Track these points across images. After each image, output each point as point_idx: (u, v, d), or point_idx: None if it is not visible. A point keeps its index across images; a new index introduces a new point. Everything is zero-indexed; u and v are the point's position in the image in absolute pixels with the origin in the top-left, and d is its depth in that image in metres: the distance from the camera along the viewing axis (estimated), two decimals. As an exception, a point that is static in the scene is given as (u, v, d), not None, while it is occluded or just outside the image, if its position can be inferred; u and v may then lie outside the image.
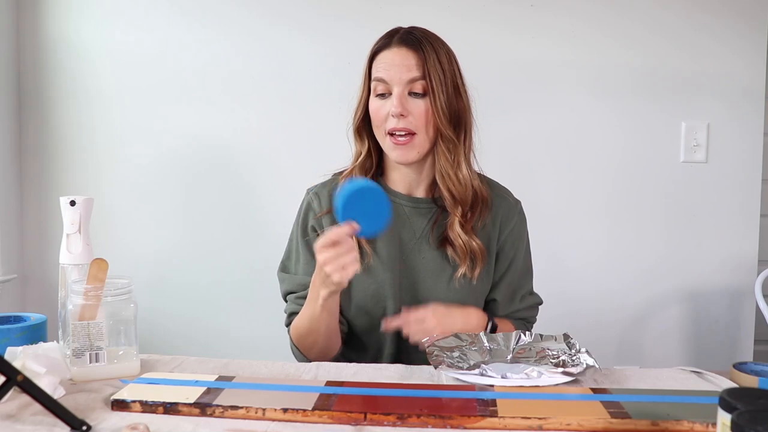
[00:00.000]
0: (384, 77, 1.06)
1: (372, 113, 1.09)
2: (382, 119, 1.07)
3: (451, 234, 1.10)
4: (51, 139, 1.90)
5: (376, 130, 1.10)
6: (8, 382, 0.69)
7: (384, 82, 1.06)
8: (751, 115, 1.89)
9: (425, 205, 1.15)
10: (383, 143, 1.10)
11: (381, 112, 1.07)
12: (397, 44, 1.08)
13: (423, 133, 1.07)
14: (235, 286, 1.90)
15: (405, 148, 1.07)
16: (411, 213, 1.14)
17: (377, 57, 1.09)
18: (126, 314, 0.89)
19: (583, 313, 1.91)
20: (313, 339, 1.06)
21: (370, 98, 1.10)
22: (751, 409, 0.52)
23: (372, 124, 1.10)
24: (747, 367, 0.88)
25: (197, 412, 0.74)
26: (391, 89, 1.06)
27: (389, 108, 1.06)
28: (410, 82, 1.05)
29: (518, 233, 1.18)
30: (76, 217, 0.98)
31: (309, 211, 1.16)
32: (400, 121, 1.05)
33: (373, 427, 0.71)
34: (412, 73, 1.05)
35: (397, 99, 1.04)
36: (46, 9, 1.88)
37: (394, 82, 1.05)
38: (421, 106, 1.06)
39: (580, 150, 1.90)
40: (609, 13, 1.87)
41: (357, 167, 1.14)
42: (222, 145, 1.90)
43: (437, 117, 1.06)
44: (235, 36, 1.88)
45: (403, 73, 1.05)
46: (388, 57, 1.07)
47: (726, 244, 1.92)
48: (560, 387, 0.83)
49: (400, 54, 1.06)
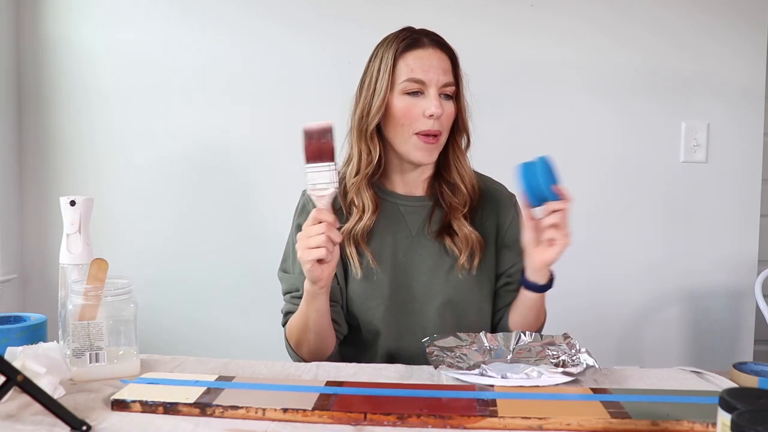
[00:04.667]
0: (422, 78, 1.05)
1: (400, 111, 1.06)
2: (413, 118, 1.06)
3: (455, 224, 1.11)
4: (51, 139, 1.90)
5: (399, 128, 1.07)
6: (8, 382, 0.68)
7: (420, 83, 1.06)
8: (751, 115, 1.89)
9: (420, 202, 1.15)
10: (405, 143, 1.07)
11: (414, 110, 1.06)
12: (432, 46, 1.08)
13: (445, 135, 1.10)
14: (235, 286, 1.90)
15: (432, 148, 1.08)
16: (406, 211, 1.14)
17: (406, 56, 1.07)
18: (126, 314, 0.89)
19: (583, 313, 1.91)
20: (303, 337, 1.06)
21: (396, 96, 1.07)
22: (751, 409, 0.52)
23: (393, 123, 1.07)
24: (747, 367, 0.88)
25: (197, 412, 0.74)
26: (425, 90, 1.06)
27: (424, 107, 1.05)
28: (445, 86, 1.07)
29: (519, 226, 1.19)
30: (76, 217, 0.98)
31: (303, 213, 1.16)
32: (435, 122, 1.05)
33: (373, 427, 0.71)
34: (448, 77, 1.07)
35: (437, 99, 1.05)
36: (46, 9, 1.88)
37: (432, 83, 1.06)
38: (451, 108, 1.08)
39: (579, 150, 1.90)
40: (609, 13, 1.87)
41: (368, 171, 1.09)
42: (222, 145, 1.90)
43: (463, 118, 1.11)
44: (235, 36, 1.87)
45: (441, 76, 1.06)
46: (425, 57, 1.07)
47: (726, 244, 1.92)
48: (560, 387, 0.83)
49: (437, 56, 1.08)
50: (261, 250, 1.86)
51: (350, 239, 1.10)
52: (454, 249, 1.11)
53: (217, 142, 1.90)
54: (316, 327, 1.04)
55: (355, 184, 1.11)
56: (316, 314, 1.02)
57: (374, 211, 1.10)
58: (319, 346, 1.07)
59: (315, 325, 1.03)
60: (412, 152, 1.08)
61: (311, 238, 0.91)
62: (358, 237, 1.10)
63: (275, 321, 1.21)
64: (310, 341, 1.06)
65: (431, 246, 1.13)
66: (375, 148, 1.10)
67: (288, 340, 1.10)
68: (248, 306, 1.90)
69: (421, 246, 1.12)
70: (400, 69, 1.07)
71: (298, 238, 0.93)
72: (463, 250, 1.10)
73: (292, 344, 1.09)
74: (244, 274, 1.89)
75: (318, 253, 0.91)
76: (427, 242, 1.13)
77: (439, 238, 1.12)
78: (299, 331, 1.06)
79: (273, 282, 1.20)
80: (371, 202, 1.10)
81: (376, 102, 1.07)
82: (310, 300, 1.00)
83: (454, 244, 1.11)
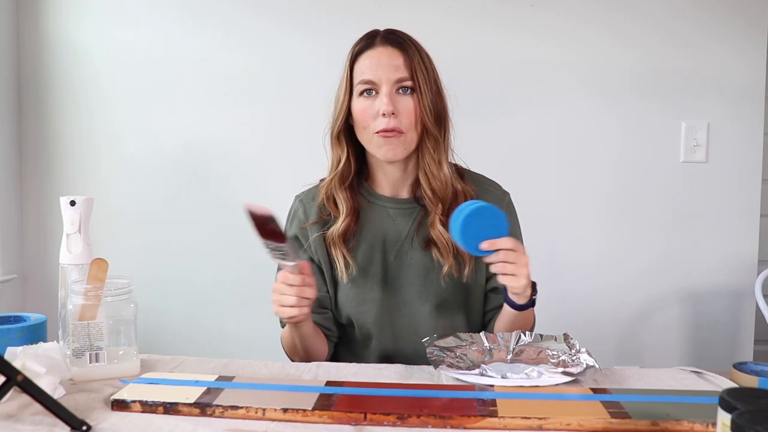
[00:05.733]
0: (372, 78, 1.05)
1: (358, 114, 1.07)
2: (369, 119, 1.06)
3: (433, 233, 1.09)
4: (51, 139, 1.90)
5: (362, 131, 1.08)
6: (8, 382, 0.69)
7: (371, 83, 1.05)
8: (751, 115, 1.89)
9: (409, 205, 1.14)
10: (370, 143, 1.08)
11: (369, 111, 1.06)
12: (382, 44, 1.08)
13: (411, 131, 1.06)
14: (235, 286, 1.90)
15: (394, 144, 1.05)
16: (395, 214, 1.14)
17: (360, 58, 1.08)
18: (126, 314, 0.89)
19: (583, 313, 1.91)
20: (295, 350, 1.10)
21: (354, 100, 1.08)
22: (751, 409, 0.52)
23: (356, 126, 1.09)
24: (747, 367, 0.88)
25: (197, 412, 0.74)
26: (378, 89, 1.05)
27: (378, 107, 1.04)
28: (398, 81, 1.05)
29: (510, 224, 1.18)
30: (76, 217, 0.98)
31: (294, 219, 1.16)
32: (390, 120, 1.04)
33: (373, 427, 0.71)
34: (400, 72, 1.05)
35: (387, 97, 1.04)
36: (46, 9, 1.88)
37: (382, 82, 1.05)
38: (409, 103, 1.06)
39: (579, 150, 1.90)
40: (609, 13, 1.87)
41: (338, 174, 1.12)
42: (222, 145, 1.90)
43: (425, 114, 1.06)
44: (235, 36, 1.88)
45: (391, 72, 1.05)
46: (374, 57, 1.07)
47: (726, 244, 1.92)
48: (560, 387, 0.83)
49: (386, 53, 1.06)
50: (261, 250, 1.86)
51: (333, 243, 1.10)
52: (440, 257, 1.09)
53: (216, 142, 1.90)
54: (304, 345, 1.07)
55: (331, 187, 1.12)
56: (300, 339, 1.06)
57: (349, 213, 1.10)
58: (310, 357, 1.09)
59: (302, 344, 1.07)
60: (377, 152, 1.08)
61: (284, 297, 0.96)
62: (336, 240, 1.09)
63: (275, 321, 1.20)
64: (301, 354, 1.09)
65: (420, 252, 1.12)
66: (343, 150, 1.12)
67: (283, 347, 1.14)
68: (248, 306, 1.90)
69: (411, 249, 1.12)
70: (355, 72, 1.08)
71: (273, 292, 0.98)
72: (447, 259, 1.08)
73: (287, 351, 1.13)
74: (244, 274, 1.89)
75: (291, 312, 0.96)
76: (416, 246, 1.12)
77: (427, 248, 1.11)
78: (289, 345, 1.10)
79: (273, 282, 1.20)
80: (344, 204, 1.10)
81: (338, 108, 1.10)
82: (292, 328, 1.04)
83: (440, 254, 1.09)
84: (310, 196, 1.16)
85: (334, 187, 1.11)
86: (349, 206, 1.10)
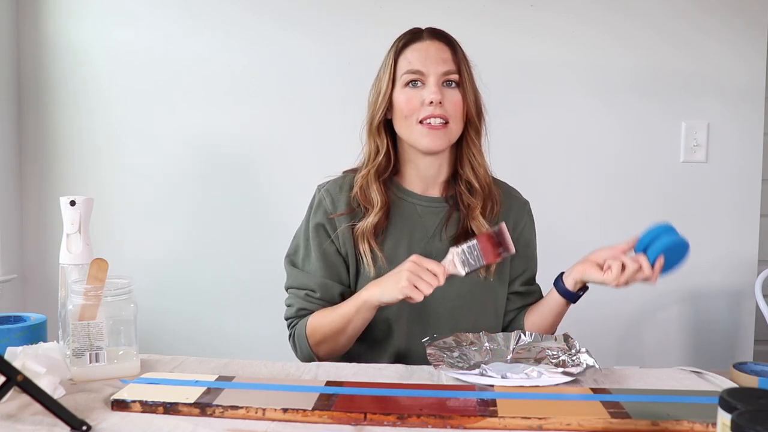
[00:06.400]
0: (420, 68, 1.08)
1: (402, 104, 1.09)
2: (415, 108, 1.08)
3: (474, 225, 1.11)
4: (51, 139, 1.90)
5: (405, 120, 1.09)
6: (8, 382, 0.69)
7: (419, 73, 1.08)
8: (751, 115, 1.89)
9: (438, 204, 1.15)
10: (412, 132, 1.09)
11: (414, 101, 1.08)
12: (429, 38, 1.11)
13: (455, 123, 1.09)
14: (235, 286, 1.90)
15: (439, 134, 1.08)
16: (423, 212, 1.14)
17: (406, 51, 1.10)
18: (126, 314, 0.89)
19: (582, 313, 1.89)
20: (333, 338, 1.07)
21: (397, 90, 1.10)
22: (751, 409, 0.52)
23: (399, 116, 1.10)
24: (747, 367, 0.88)
25: (197, 412, 0.74)
26: (425, 80, 1.08)
27: (424, 96, 1.07)
28: (445, 74, 1.08)
29: (530, 233, 1.21)
30: (76, 217, 0.98)
31: (320, 209, 1.14)
32: (436, 108, 1.06)
33: (373, 427, 0.71)
34: (448, 65, 1.08)
35: (436, 86, 1.07)
36: (46, 9, 1.88)
37: (430, 73, 1.07)
38: (456, 96, 1.09)
39: (579, 150, 1.90)
40: (609, 13, 1.87)
41: (375, 166, 1.12)
42: (222, 146, 1.90)
43: (469, 106, 1.10)
44: (235, 36, 1.87)
45: (439, 65, 1.08)
46: (422, 49, 1.09)
47: (726, 244, 1.91)
48: (560, 387, 0.83)
49: (434, 46, 1.10)
50: (261, 251, 1.86)
51: (363, 236, 1.10)
52: None
53: (217, 142, 1.90)
54: (354, 332, 1.06)
55: (364, 177, 1.12)
56: (361, 323, 1.05)
57: (382, 206, 1.10)
58: (344, 347, 1.09)
59: (354, 330, 1.06)
60: (419, 141, 1.09)
61: (425, 281, 0.95)
62: (367, 233, 1.09)
63: (275, 321, 1.20)
64: (338, 342, 1.07)
65: (446, 249, 1.12)
66: (382, 142, 1.13)
67: (308, 338, 1.09)
68: (248, 306, 1.90)
69: (436, 248, 1.12)
70: (400, 64, 1.10)
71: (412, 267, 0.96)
72: None
73: (312, 342, 1.09)
74: (245, 275, 1.89)
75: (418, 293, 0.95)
76: (442, 245, 1.12)
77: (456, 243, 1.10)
78: (331, 331, 1.06)
79: (273, 282, 1.20)
80: (379, 197, 1.11)
81: (380, 98, 1.11)
82: (365, 310, 1.03)
83: None
84: (336, 187, 1.15)
85: (370, 179, 1.12)
86: (383, 200, 1.11)
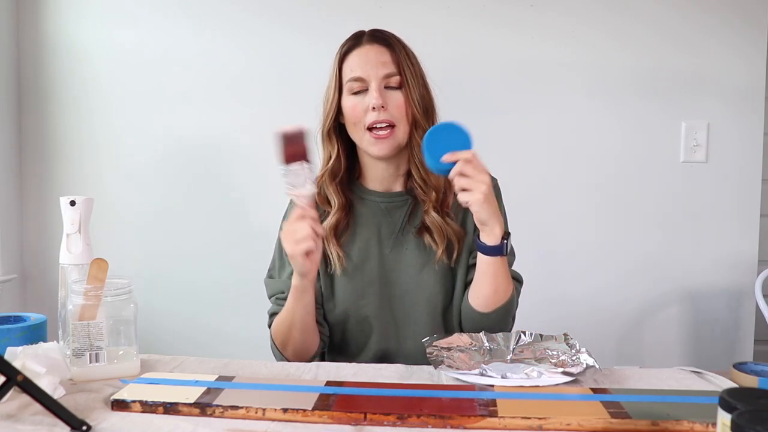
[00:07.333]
0: (361, 75, 1.08)
1: (348, 111, 1.10)
2: (360, 115, 1.09)
3: (428, 219, 1.12)
4: (51, 139, 1.90)
5: (353, 128, 1.11)
6: (8, 382, 0.69)
7: (360, 80, 1.09)
8: (751, 115, 1.89)
9: (401, 198, 1.16)
10: (362, 140, 1.11)
11: (359, 108, 1.09)
12: (369, 42, 1.11)
13: (401, 125, 1.09)
14: (235, 286, 1.90)
15: (386, 141, 1.09)
16: (388, 207, 1.16)
17: (348, 57, 1.11)
18: (126, 314, 0.89)
19: (583, 313, 1.91)
20: (289, 335, 1.07)
21: (344, 98, 1.11)
22: (751, 409, 0.52)
23: (347, 123, 1.12)
24: (747, 367, 0.88)
25: (197, 412, 0.74)
26: (367, 86, 1.09)
27: (368, 102, 1.08)
28: (386, 77, 1.08)
29: None
30: (76, 217, 0.98)
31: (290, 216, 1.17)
32: (380, 113, 1.07)
33: (373, 427, 0.71)
34: (388, 68, 1.09)
35: (377, 92, 1.07)
36: (46, 9, 1.88)
37: (371, 78, 1.08)
38: (399, 98, 1.09)
39: (579, 150, 1.90)
40: (609, 13, 1.87)
41: (327, 171, 1.15)
42: (222, 146, 1.90)
43: (414, 107, 1.09)
44: (235, 36, 1.88)
45: (379, 69, 1.08)
46: (362, 54, 1.10)
47: (726, 244, 1.92)
48: (560, 387, 0.83)
49: (374, 50, 1.10)
50: (261, 251, 1.85)
51: (326, 236, 1.12)
52: (432, 244, 1.12)
53: (216, 142, 1.90)
54: (302, 324, 1.06)
55: (322, 182, 1.15)
56: (303, 310, 1.04)
57: (340, 207, 1.13)
58: (304, 344, 1.08)
59: (301, 321, 1.05)
60: (369, 148, 1.11)
61: (297, 232, 0.96)
62: (328, 232, 1.12)
63: (275, 321, 1.20)
64: (295, 339, 1.07)
65: (415, 240, 1.14)
66: (333, 147, 1.15)
67: (273, 340, 1.11)
68: (248, 306, 1.89)
69: (406, 240, 1.14)
70: (344, 71, 1.11)
71: (283, 235, 0.99)
72: (440, 244, 1.11)
73: (278, 344, 1.11)
74: (244, 275, 1.89)
75: (306, 245, 0.96)
76: (411, 237, 1.14)
77: (419, 235, 1.13)
78: (285, 329, 1.07)
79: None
80: (336, 198, 1.13)
81: (328, 105, 1.13)
82: (298, 296, 1.03)
83: (432, 240, 1.12)
84: None
85: (325, 182, 1.15)
86: (340, 201, 1.13)
